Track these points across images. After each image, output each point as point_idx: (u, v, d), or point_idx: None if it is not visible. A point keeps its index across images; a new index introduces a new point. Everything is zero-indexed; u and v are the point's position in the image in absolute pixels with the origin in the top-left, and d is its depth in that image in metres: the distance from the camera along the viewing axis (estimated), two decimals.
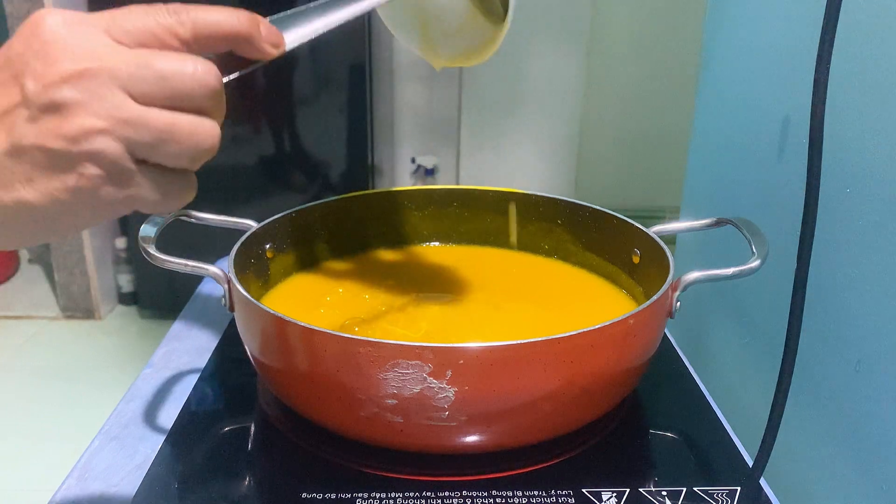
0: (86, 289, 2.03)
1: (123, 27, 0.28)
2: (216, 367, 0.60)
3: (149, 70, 0.28)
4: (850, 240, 0.52)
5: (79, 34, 0.27)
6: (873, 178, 0.49)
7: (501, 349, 0.41)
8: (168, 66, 0.28)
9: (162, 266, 0.50)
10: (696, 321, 0.80)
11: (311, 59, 1.79)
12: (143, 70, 0.28)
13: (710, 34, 0.78)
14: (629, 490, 0.45)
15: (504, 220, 0.68)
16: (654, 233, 0.58)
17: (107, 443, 0.53)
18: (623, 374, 0.47)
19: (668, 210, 2.08)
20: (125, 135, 0.27)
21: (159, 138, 0.28)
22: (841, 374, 0.53)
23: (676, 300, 0.49)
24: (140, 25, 0.28)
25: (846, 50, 0.49)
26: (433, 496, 0.44)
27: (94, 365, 1.86)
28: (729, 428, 0.53)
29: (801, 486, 0.58)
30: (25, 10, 1.77)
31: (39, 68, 0.27)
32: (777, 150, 0.63)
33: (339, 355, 0.42)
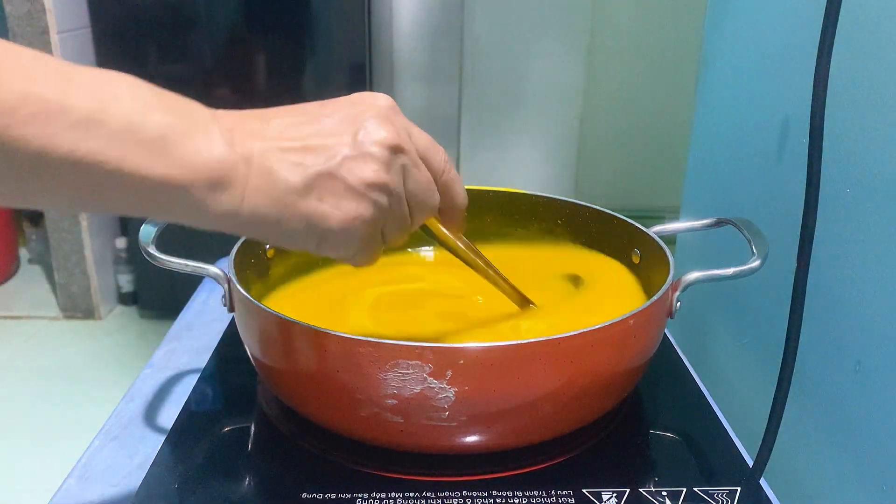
0: (86, 289, 2.03)
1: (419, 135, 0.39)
2: (216, 367, 0.60)
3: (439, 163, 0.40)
4: (850, 240, 0.52)
5: (401, 119, 0.38)
6: (873, 178, 0.49)
7: (501, 349, 0.41)
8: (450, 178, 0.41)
9: (162, 266, 0.50)
10: (696, 321, 0.80)
11: (311, 59, 1.79)
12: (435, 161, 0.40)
13: (710, 34, 0.78)
14: (629, 490, 0.45)
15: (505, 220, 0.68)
16: (654, 233, 0.58)
17: (107, 443, 0.53)
18: (623, 374, 0.47)
19: (668, 210, 2.07)
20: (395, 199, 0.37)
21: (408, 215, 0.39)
22: (841, 374, 0.53)
23: (676, 300, 0.49)
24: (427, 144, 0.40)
25: (846, 50, 0.49)
26: (433, 496, 0.44)
27: (94, 365, 1.86)
28: (729, 428, 0.53)
29: (801, 486, 0.58)
30: (25, 10, 1.76)
31: (371, 128, 0.36)
32: (777, 150, 0.63)
33: (339, 355, 0.42)
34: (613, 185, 2.28)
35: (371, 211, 0.35)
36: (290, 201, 0.34)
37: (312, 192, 0.34)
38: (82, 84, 0.29)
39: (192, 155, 0.31)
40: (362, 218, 0.35)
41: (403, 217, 0.38)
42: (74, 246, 1.98)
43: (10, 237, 2.27)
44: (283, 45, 1.76)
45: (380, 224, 0.37)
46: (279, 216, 0.34)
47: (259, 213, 0.33)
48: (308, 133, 0.35)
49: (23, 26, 1.77)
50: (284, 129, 0.35)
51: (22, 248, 2.39)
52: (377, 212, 0.36)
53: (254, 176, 0.33)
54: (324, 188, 0.34)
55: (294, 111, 0.36)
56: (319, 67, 1.80)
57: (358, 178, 0.35)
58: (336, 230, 0.35)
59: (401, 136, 0.36)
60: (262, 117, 0.35)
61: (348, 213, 0.35)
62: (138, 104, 0.30)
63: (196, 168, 0.31)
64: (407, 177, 0.37)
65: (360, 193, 0.35)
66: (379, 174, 0.35)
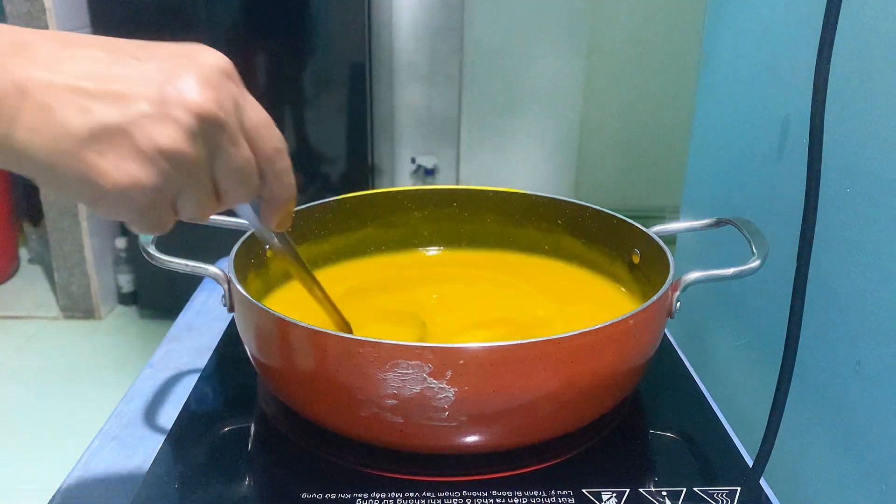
0: (86, 289, 2.03)
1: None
2: (216, 367, 0.60)
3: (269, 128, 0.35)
4: (850, 240, 0.52)
5: (231, 86, 0.33)
6: (873, 178, 0.49)
7: (501, 349, 0.41)
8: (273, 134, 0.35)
9: (162, 266, 0.50)
10: (696, 321, 0.80)
11: (311, 59, 1.79)
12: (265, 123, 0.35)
13: (710, 34, 0.78)
14: (629, 490, 0.45)
15: (505, 220, 0.68)
16: (654, 233, 0.58)
17: (107, 443, 0.53)
18: (623, 374, 0.47)
19: (668, 210, 2.08)
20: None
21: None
22: (841, 374, 0.53)
23: (676, 300, 0.49)
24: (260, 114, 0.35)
25: (846, 50, 0.49)
26: (433, 496, 0.44)
27: (94, 365, 1.86)
28: (729, 428, 0.53)
29: (801, 486, 0.58)
30: (25, 10, 1.77)
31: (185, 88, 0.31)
32: (777, 150, 0.63)
33: (339, 355, 0.42)
34: (613, 185, 2.28)
35: (154, 180, 0.31)
36: (67, 148, 0.29)
37: (94, 145, 0.29)
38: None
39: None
40: (142, 186, 0.30)
41: (202, 194, 0.33)
42: (74, 246, 1.98)
43: (10, 237, 2.27)
44: (283, 45, 1.76)
45: (166, 195, 0.32)
46: (51, 162, 0.29)
47: (28, 153, 0.29)
48: (109, 75, 0.30)
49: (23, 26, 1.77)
50: (83, 62, 0.30)
51: (22, 248, 2.39)
52: (163, 182, 0.31)
53: (28, 110, 0.29)
54: (108, 143, 0.30)
55: (105, 45, 0.31)
56: (319, 67, 1.80)
57: (150, 142, 0.30)
58: (110, 192, 0.30)
59: (222, 105, 0.32)
60: (64, 42, 0.31)
61: (127, 176, 0.30)
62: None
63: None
64: (217, 153, 0.32)
65: (148, 158, 0.30)
66: (176, 142, 0.30)
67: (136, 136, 0.30)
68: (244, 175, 0.34)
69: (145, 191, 0.31)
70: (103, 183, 0.30)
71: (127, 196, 0.30)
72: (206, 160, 0.32)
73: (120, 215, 0.32)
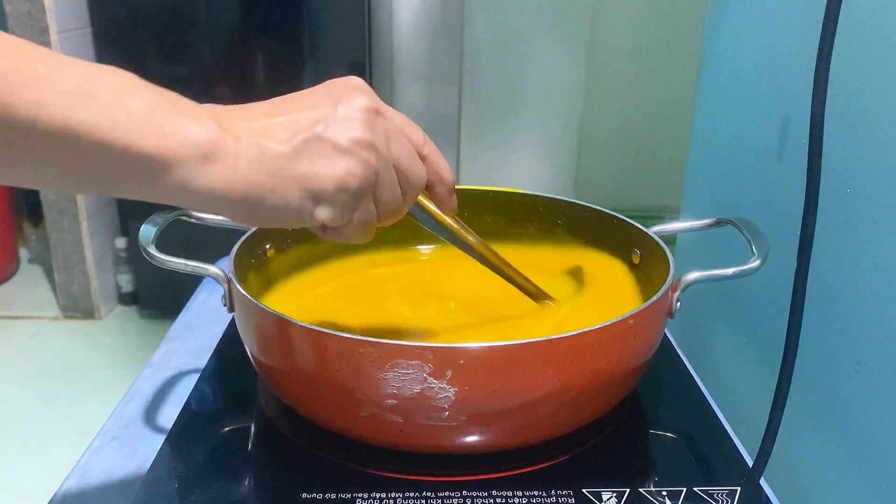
0: (86, 289, 2.03)
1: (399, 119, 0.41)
2: (216, 367, 0.60)
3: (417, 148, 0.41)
4: (850, 240, 0.52)
5: (376, 96, 0.39)
6: (873, 178, 0.49)
7: (501, 349, 0.41)
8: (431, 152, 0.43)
9: (162, 266, 0.50)
10: (696, 321, 0.80)
11: (311, 59, 1.79)
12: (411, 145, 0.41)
13: (710, 34, 0.78)
14: (629, 490, 0.45)
15: (505, 220, 0.68)
16: (654, 233, 0.58)
17: (107, 443, 0.53)
18: (623, 374, 0.47)
19: (668, 210, 2.08)
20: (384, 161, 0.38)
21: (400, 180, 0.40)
22: (841, 374, 0.53)
23: (676, 300, 0.49)
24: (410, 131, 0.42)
25: (846, 50, 0.49)
26: (433, 496, 0.44)
27: (94, 365, 1.86)
28: (729, 428, 0.53)
29: (801, 486, 0.58)
30: (25, 10, 1.76)
31: (350, 98, 0.38)
32: (777, 150, 0.63)
33: (339, 355, 0.42)
34: (613, 185, 2.28)
35: (361, 168, 0.37)
36: (283, 167, 0.35)
37: (303, 156, 0.35)
38: (72, 64, 0.31)
39: (181, 129, 0.32)
40: (354, 174, 0.36)
41: (393, 184, 0.39)
42: (74, 246, 1.98)
43: (10, 237, 2.27)
44: (283, 45, 1.76)
45: (371, 184, 0.38)
46: (273, 184, 0.35)
47: (253, 182, 0.34)
48: (290, 109, 0.37)
49: (23, 26, 1.77)
50: (267, 111, 0.36)
51: (22, 248, 2.39)
52: (367, 169, 0.37)
53: (244, 148, 0.34)
54: (313, 151, 0.36)
55: (272, 100, 0.38)
56: (319, 67, 1.80)
57: (345, 138, 0.36)
58: (330, 190, 0.36)
59: (378, 104, 0.38)
60: (242, 107, 0.37)
61: (340, 170, 0.36)
62: (125, 82, 0.32)
63: (186, 141, 0.32)
64: (390, 141, 0.39)
65: (350, 151, 0.36)
66: (364, 132, 0.37)
67: (333, 138, 0.36)
68: (413, 160, 0.40)
69: (357, 178, 0.37)
70: (322, 184, 0.36)
71: (343, 189, 0.37)
72: (386, 147, 0.38)
73: (337, 216, 0.38)
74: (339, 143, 0.36)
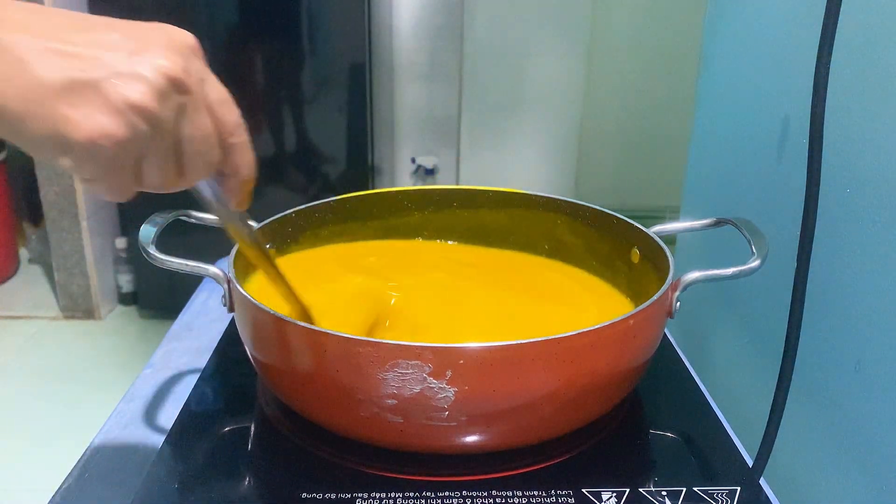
0: (86, 289, 2.03)
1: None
2: (216, 367, 0.60)
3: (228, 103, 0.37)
4: (850, 240, 0.52)
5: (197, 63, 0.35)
6: (873, 178, 0.49)
7: (501, 349, 0.41)
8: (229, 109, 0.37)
9: (162, 266, 0.50)
10: (696, 321, 0.80)
11: (311, 59, 1.79)
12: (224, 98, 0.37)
13: (710, 34, 0.78)
14: (629, 490, 0.45)
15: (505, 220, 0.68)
16: (654, 233, 0.58)
17: (107, 443, 0.53)
18: (623, 374, 0.47)
19: (668, 210, 2.08)
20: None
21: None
22: (841, 374, 0.53)
23: (676, 300, 0.49)
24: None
25: (846, 50, 0.49)
26: (433, 496, 0.44)
27: (94, 365, 1.86)
28: (729, 428, 0.53)
29: (801, 486, 0.58)
30: None
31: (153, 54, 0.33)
32: (777, 150, 0.63)
33: (339, 355, 0.42)
34: (613, 185, 2.28)
35: (124, 133, 0.32)
36: (40, 98, 0.31)
37: (66, 97, 0.31)
38: None
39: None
40: (112, 138, 0.32)
41: (167, 156, 0.34)
42: (74, 246, 1.98)
43: (10, 237, 2.27)
44: (283, 45, 1.76)
45: (133, 153, 0.33)
46: (24, 113, 0.31)
47: (2, 103, 0.31)
48: (83, 40, 0.32)
49: None
50: (58, 29, 0.32)
51: (22, 248, 2.39)
52: (132, 137, 0.32)
53: (4, 65, 0.30)
54: (80, 95, 0.31)
55: (77, 17, 0.33)
56: (319, 67, 1.80)
57: (120, 96, 0.31)
58: (81, 142, 0.32)
59: (189, 73, 0.34)
60: (38, 11, 0.32)
61: (98, 127, 0.31)
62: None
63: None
64: (183, 118, 0.34)
65: (119, 111, 0.32)
66: (145, 99, 0.32)
67: (107, 91, 0.31)
68: (207, 144, 0.35)
69: (113, 143, 0.32)
70: (74, 134, 0.31)
71: (95, 147, 0.32)
72: (171, 124, 0.33)
73: (85, 170, 0.33)
74: (111, 99, 0.31)
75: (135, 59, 0.32)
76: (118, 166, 0.33)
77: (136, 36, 0.33)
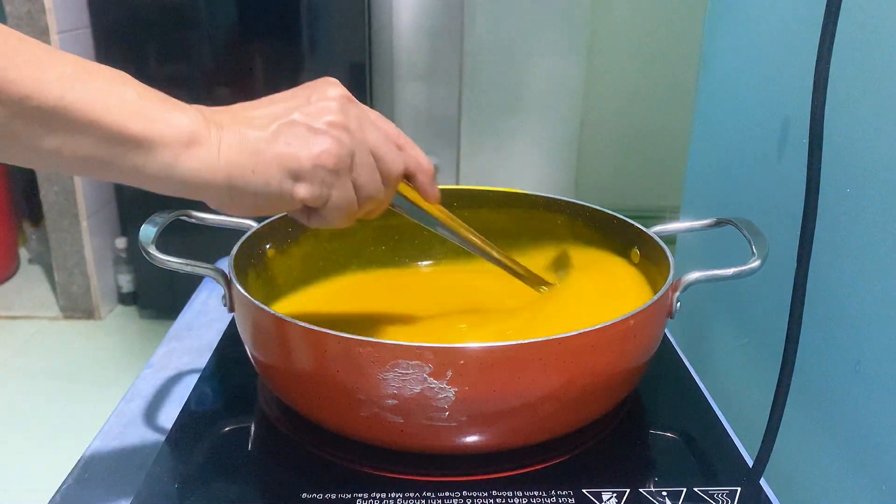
0: (86, 289, 2.02)
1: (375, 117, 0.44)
2: (216, 367, 0.60)
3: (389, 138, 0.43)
4: (850, 240, 0.52)
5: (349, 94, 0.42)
6: (873, 178, 0.49)
7: (501, 349, 0.41)
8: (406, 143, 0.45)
9: (162, 266, 0.50)
10: (696, 321, 0.80)
11: (311, 59, 1.79)
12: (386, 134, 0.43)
13: (710, 34, 0.78)
14: (629, 490, 0.45)
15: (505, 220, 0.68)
16: (654, 233, 0.58)
17: (107, 443, 0.53)
18: (623, 374, 0.47)
19: (668, 210, 2.07)
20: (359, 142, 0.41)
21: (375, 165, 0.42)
22: (841, 374, 0.53)
23: (676, 300, 0.49)
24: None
25: (846, 50, 0.49)
26: (433, 496, 0.44)
27: (94, 365, 1.86)
28: (729, 428, 0.53)
29: (801, 486, 0.58)
30: (25, 10, 1.76)
31: (323, 90, 0.41)
32: (777, 150, 0.63)
33: (339, 355, 0.42)
34: (613, 185, 2.27)
35: (336, 146, 0.39)
36: (262, 149, 0.38)
37: (280, 138, 0.38)
38: (69, 55, 0.34)
39: (167, 115, 0.36)
40: (329, 152, 0.39)
41: (370, 166, 0.41)
42: (74, 246, 1.98)
43: (10, 237, 2.27)
44: (283, 45, 1.76)
45: (347, 163, 0.40)
46: (254, 165, 0.38)
47: (234, 163, 0.37)
48: (268, 104, 0.40)
49: (23, 26, 1.77)
50: (248, 106, 0.40)
51: (22, 248, 2.39)
52: (342, 148, 0.39)
53: (226, 135, 0.37)
54: (290, 133, 0.38)
55: (253, 101, 0.41)
56: (319, 67, 1.80)
57: (319, 121, 0.39)
58: (307, 167, 0.39)
59: (351, 97, 0.41)
60: (225, 108, 0.40)
61: (316, 148, 0.39)
62: (118, 75, 0.36)
63: (171, 125, 0.36)
64: (365, 127, 0.41)
65: (323, 131, 0.39)
66: (337, 116, 0.39)
67: (308, 121, 0.39)
68: (390, 146, 0.42)
69: (333, 156, 0.39)
70: (299, 161, 0.38)
71: (320, 165, 0.39)
72: (362, 132, 0.41)
73: (316, 193, 0.39)
74: (313, 125, 0.39)
75: (313, 99, 0.40)
76: (340, 177, 0.40)
77: (303, 88, 0.41)
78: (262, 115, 0.39)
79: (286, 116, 0.39)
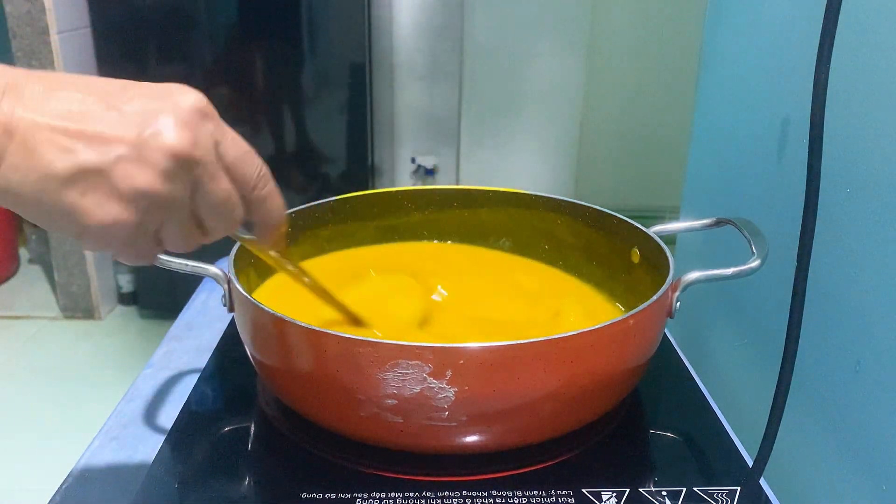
0: (86, 289, 2.03)
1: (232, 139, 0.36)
2: (216, 367, 0.60)
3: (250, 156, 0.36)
4: (850, 240, 0.52)
5: (209, 124, 0.34)
6: (873, 178, 0.49)
7: (501, 349, 0.41)
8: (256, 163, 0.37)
9: (162, 266, 0.50)
10: (696, 321, 0.80)
11: (311, 59, 1.79)
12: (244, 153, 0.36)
13: (710, 34, 0.78)
14: (629, 490, 0.45)
15: (505, 220, 0.68)
16: (654, 233, 0.58)
17: (107, 443, 0.53)
18: (623, 374, 0.47)
19: (668, 210, 2.08)
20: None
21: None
22: (841, 374, 0.53)
23: (676, 300, 0.49)
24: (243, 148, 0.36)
25: (846, 50, 0.49)
26: (433, 496, 0.44)
27: (94, 365, 1.86)
28: (729, 428, 0.53)
29: (801, 486, 0.58)
30: (25, 10, 1.76)
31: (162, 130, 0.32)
32: (777, 150, 0.63)
33: (339, 355, 0.42)
34: (613, 185, 2.28)
35: (134, 218, 0.32)
36: (51, 189, 0.31)
37: (75, 185, 0.31)
38: None
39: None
40: (123, 224, 0.32)
41: (185, 228, 0.35)
42: (74, 246, 1.98)
43: (10, 237, 2.27)
44: (283, 45, 1.76)
45: (148, 230, 0.34)
46: (38, 200, 0.31)
47: (13, 191, 0.31)
48: (92, 114, 0.31)
49: (23, 26, 1.77)
50: (68, 102, 0.31)
51: (22, 248, 2.39)
52: (142, 220, 0.33)
53: (13, 152, 0.30)
54: (89, 183, 0.31)
55: (89, 87, 0.32)
56: (319, 67, 1.80)
57: (127, 184, 0.31)
58: (94, 229, 0.32)
59: (198, 144, 0.33)
60: (50, 83, 0.32)
61: (109, 216, 0.32)
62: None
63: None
64: (198, 189, 0.34)
65: (127, 200, 0.32)
66: (152, 184, 0.32)
67: (114, 178, 0.31)
68: (226, 208, 0.35)
69: (126, 228, 0.32)
70: (86, 221, 0.31)
71: (109, 232, 0.32)
72: (185, 198, 0.33)
73: (105, 249, 0.34)
74: (119, 188, 0.31)
75: (142, 139, 0.31)
76: (134, 243, 0.34)
77: (145, 108, 0.32)
78: (73, 133, 0.31)
79: (96, 157, 0.31)
